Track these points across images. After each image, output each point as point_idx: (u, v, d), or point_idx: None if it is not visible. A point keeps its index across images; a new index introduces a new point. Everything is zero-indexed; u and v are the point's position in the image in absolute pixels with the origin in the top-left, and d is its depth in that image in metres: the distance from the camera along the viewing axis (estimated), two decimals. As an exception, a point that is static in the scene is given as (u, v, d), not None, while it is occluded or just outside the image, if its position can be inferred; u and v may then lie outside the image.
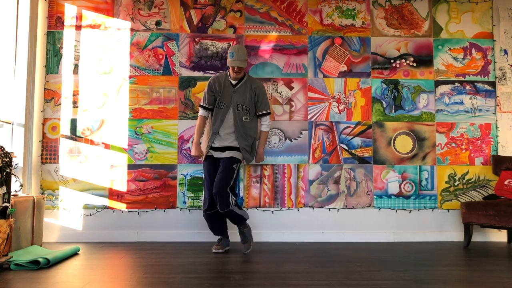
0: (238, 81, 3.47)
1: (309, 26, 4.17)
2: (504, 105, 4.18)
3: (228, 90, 3.45)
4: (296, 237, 3.98)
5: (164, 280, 2.49)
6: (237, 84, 3.46)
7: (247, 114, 3.45)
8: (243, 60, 3.37)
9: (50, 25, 4.08)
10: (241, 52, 3.37)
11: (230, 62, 3.37)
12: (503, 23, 4.24)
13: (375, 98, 4.14)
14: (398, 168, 4.10)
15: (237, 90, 3.44)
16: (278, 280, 2.50)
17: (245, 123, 3.42)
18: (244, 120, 3.42)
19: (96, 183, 3.97)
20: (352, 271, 2.74)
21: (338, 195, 4.06)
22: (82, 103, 4.03)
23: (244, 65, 3.38)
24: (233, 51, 3.37)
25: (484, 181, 4.12)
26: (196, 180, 4.00)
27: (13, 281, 2.45)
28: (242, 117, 3.41)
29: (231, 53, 3.37)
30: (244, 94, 3.45)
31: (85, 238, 3.89)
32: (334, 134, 4.10)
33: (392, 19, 4.22)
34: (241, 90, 3.45)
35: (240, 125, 3.40)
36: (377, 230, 4.03)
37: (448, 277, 2.60)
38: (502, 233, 4.06)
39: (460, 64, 4.21)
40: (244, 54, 3.39)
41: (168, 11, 4.13)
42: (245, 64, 3.39)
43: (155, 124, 4.03)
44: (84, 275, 2.60)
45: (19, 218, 3.13)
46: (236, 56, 3.35)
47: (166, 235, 3.93)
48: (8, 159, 2.90)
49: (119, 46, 4.09)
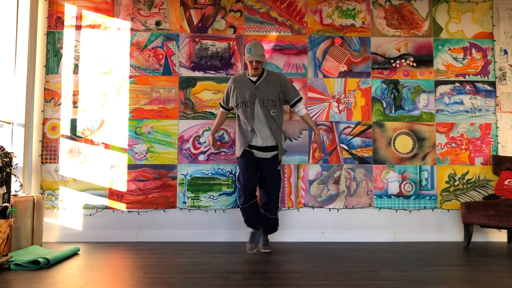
0: (258, 77, 3.45)
1: (309, 26, 4.17)
2: (504, 105, 4.18)
3: (249, 87, 3.43)
4: (296, 237, 3.98)
5: (164, 280, 2.49)
6: (257, 81, 3.44)
7: (274, 108, 3.42)
8: (261, 54, 3.36)
9: (50, 25, 4.08)
10: (258, 47, 3.37)
11: (248, 57, 3.36)
12: (503, 23, 4.24)
13: (375, 98, 4.14)
14: (398, 168, 4.10)
15: (259, 86, 3.42)
16: (278, 280, 2.50)
17: (273, 117, 3.41)
18: (272, 114, 3.41)
19: (96, 183, 3.97)
20: (352, 271, 2.74)
21: (338, 195, 4.06)
22: (82, 103, 4.03)
23: (262, 59, 3.37)
24: (251, 46, 3.36)
25: (484, 181, 4.12)
26: (196, 180, 4.00)
27: (13, 281, 2.45)
28: (270, 111, 3.39)
29: (248, 49, 3.36)
30: (267, 88, 3.42)
31: (85, 238, 3.90)
32: (334, 134, 4.10)
33: (392, 19, 4.22)
34: (263, 85, 3.42)
35: (270, 120, 3.39)
36: (377, 230, 4.03)
37: (448, 277, 2.60)
38: (502, 233, 4.06)
39: (460, 64, 4.21)
40: (261, 49, 3.38)
41: (168, 11, 4.13)
42: (263, 59, 3.38)
43: (155, 124, 4.04)
44: (84, 275, 2.60)
45: (19, 218, 3.13)
46: (254, 51, 3.34)
47: (166, 235, 3.93)
48: (8, 159, 2.90)
49: (119, 46, 4.09)
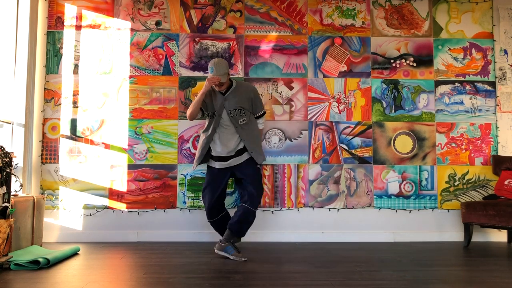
0: (226, 89, 3.39)
1: (309, 26, 4.17)
2: (504, 105, 4.18)
3: (219, 99, 3.37)
4: (296, 237, 3.98)
5: (164, 280, 2.49)
6: (226, 92, 3.38)
7: (244, 116, 3.37)
8: (223, 74, 3.26)
9: (50, 25, 4.08)
10: (220, 66, 3.25)
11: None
12: (503, 23, 4.24)
13: (375, 98, 4.14)
14: (398, 168, 4.10)
15: (227, 97, 3.36)
16: (278, 280, 2.50)
17: (243, 125, 3.36)
18: (241, 123, 3.36)
19: (96, 183, 3.97)
20: (352, 271, 2.74)
21: (338, 195, 4.06)
22: (82, 103, 4.03)
23: (224, 80, 3.28)
24: (212, 66, 3.25)
25: (484, 181, 4.12)
26: (196, 180, 4.00)
27: (13, 281, 2.45)
28: (238, 121, 3.35)
29: (210, 68, 3.26)
30: (236, 98, 3.36)
31: (85, 238, 3.90)
32: (334, 134, 4.10)
33: (392, 19, 4.22)
34: (231, 96, 3.37)
35: (239, 130, 3.34)
36: (377, 230, 4.03)
37: (448, 277, 2.60)
38: (502, 233, 4.06)
39: (460, 64, 4.21)
40: (223, 68, 3.26)
41: (168, 11, 4.13)
42: (225, 78, 3.28)
43: (155, 124, 4.04)
44: (84, 275, 2.60)
45: (19, 218, 3.13)
46: (215, 70, 3.23)
47: (166, 235, 3.93)
48: (8, 159, 2.90)
49: (119, 46, 4.09)
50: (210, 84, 3.27)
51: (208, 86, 3.28)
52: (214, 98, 3.40)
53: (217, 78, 3.24)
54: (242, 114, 3.38)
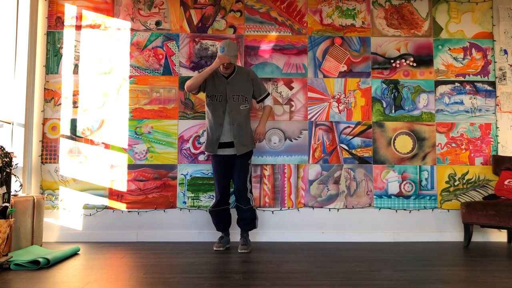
0: (229, 73, 3.47)
1: (309, 26, 4.17)
2: (504, 105, 4.18)
3: (221, 82, 3.43)
4: (296, 237, 3.98)
5: (164, 280, 2.49)
6: (229, 76, 3.45)
7: (245, 103, 3.45)
8: (234, 55, 3.31)
9: (50, 25, 4.08)
10: (231, 47, 3.30)
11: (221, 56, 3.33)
12: (503, 23, 4.24)
13: (375, 98, 4.14)
14: (398, 168, 4.10)
15: (230, 81, 3.42)
16: (278, 280, 2.50)
17: (242, 111, 3.42)
18: (241, 109, 3.42)
19: (96, 183, 3.97)
20: (352, 271, 2.74)
21: (338, 195, 4.06)
22: (82, 103, 4.03)
23: (234, 61, 3.33)
24: (224, 45, 3.29)
25: (484, 181, 4.12)
26: (196, 180, 4.00)
27: (13, 281, 2.45)
28: (239, 107, 3.40)
29: (221, 48, 3.29)
30: (239, 83, 3.44)
31: (85, 238, 3.90)
32: (334, 134, 4.10)
33: (392, 19, 4.22)
34: (235, 80, 3.44)
35: (239, 115, 3.39)
36: (377, 230, 4.03)
37: (448, 277, 2.60)
38: (502, 233, 4.06)
39: (460, 64, 4.21)
40: (234, 49, 3.31)
41: (168, 11, 4.13)
42: (235, 60, 3.35)
43: (155, 124, 4.04)
44: (84, 275, 2.60)
45: (19, 218, 3.13)
46: (227, 51, 3.28)
47: (166, 235, 3.93)
48: (8, 159, 2.90)
49: (119, 46, 4.09)
50: (221, 62, 3.29)
51: (218, 63, 3.30)
52: (215, 81, 3.43)
53: (228, 58, 3.26)
54: (244, 100, 3.45)
